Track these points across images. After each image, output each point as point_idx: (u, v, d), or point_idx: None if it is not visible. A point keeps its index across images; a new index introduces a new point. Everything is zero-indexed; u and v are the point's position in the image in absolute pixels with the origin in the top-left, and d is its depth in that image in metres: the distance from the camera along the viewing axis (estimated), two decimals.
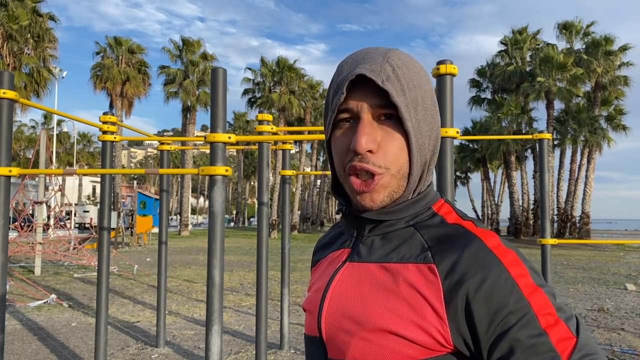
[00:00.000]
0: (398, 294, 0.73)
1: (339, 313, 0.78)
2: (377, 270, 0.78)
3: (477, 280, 0.69)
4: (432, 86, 0.83)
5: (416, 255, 0.75)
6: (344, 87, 0.76)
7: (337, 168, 0.81)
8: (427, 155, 0.80)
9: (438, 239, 0.76)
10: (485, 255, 0.70)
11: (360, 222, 0.83)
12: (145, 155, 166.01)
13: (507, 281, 0.68)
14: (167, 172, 3.94)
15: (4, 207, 3.09)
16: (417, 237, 0.78)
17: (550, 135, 5.39)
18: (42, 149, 13.04)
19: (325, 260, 0.91)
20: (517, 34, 33.54)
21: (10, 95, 3.07)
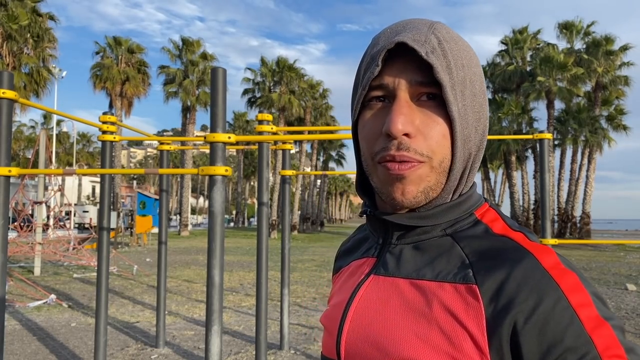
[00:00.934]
0: (430, 319, 0.61)
1: (361, 337, 0.67)
2: (406, 288, 0.66)
3: (528, 308, 0.56)
4: (482, 70, 0.69)
5: (455, 272, 0.63)
6: (379, 58, 0.63)
7: (364, 157, 0.69)
8: (472, 149, 0.67)
9: (481, 254, 0.63)
10: (540, 277, 0.58)
11: (388, 227, 0.71)
12: (145, 155, 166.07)
13: (566, 311, 0.56)
14: (166, 172, 3.93)
15: (4, 207, 3.08)
16: (456, 250, 0.65)
17: (550, 135, 5.38)
18: (42, 149, 13.03)
19: (347, 269, 0.80)
20: (517, 34, 33.54)
21: (10, 95, 3.06)
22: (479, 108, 0.67)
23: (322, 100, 41.81)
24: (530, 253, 0.61)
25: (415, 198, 0.65)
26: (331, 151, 50.30)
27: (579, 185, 31.09)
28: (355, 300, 0.71)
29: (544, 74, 30.09)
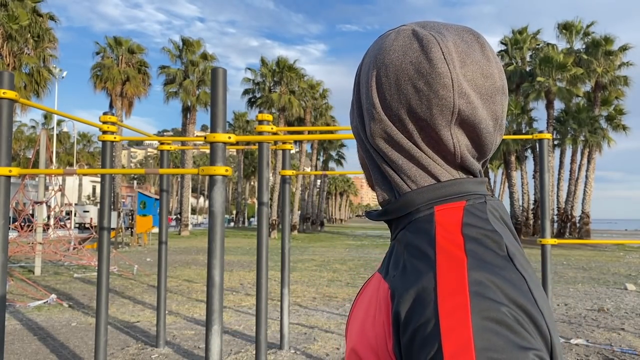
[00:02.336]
0: (370, 314, 0.64)
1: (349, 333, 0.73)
2: (377, 284, 0.68)
3: (405, 323, 0.56)
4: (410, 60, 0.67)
5: (394, 268, 0.65)
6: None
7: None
8: (366, 143, 0.73)
9: (413, 253, 0.63)
10: (427, 294, 0.56)
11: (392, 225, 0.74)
12: (145, 155, 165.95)
13: (432, 333, 0.52)
14: (167, 172, 3.94)
15: (4, 207, 3.09)
16: (401, 249, 0.66)
17: (550, 135, 5.39)
18: (42, 149, 13.04)
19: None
20: (517, 34, 33.55)
21: (10, 95, 3.07)
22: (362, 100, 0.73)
23: (322, 100, 41.83)
24: (434, 268, 0.57)
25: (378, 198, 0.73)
26: (331, 151, 50.31)
27: (578, 185, 31.09)
28: (356, 299, 0.76)
29: (544, 74, 30.10)
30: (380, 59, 0.70)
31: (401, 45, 0.68)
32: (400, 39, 0.69)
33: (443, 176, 0.68)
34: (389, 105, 0.69)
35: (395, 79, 0.68)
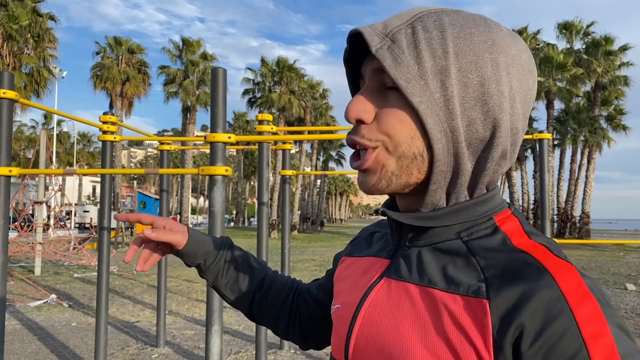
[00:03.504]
0: (439, 331, 0.59)
1: (369, 343, 0.66)
2: (417, 295, 0.63)
3: (535, 331, 0.53)
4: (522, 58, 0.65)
5: (468, 285, 0.59)
6: (347, 40, 0.68)
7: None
8: (472, 143, 0.62)
9: (498, 269, 0.59)
10: (554, 300, 0.53)
11: (402, 228, 0.69)
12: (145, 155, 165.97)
13: (575, 341, 0.51)
14: (167, 172, 3.94)
15: (4, 207, 3.09)
16: (470, 261, 0.62)
17: (550, 135, 5.39)
18: (42, 149, 13.04)
19: (360, 263, 0.78)
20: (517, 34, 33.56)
21: (10, 95, 3.07)
22: (475, 100, 0.61)
23: (322, 100, 41.84)
24: (548, 273, 0.56)
25: (375, 185, 0.65)
26: (331, 151, 50.31)
27: (578, 185, 31.10)
28: (366, 303, 0.69)
29: (544, 74, 30.10)
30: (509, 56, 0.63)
31: (523, 47, 0.65)
32: (510, 36, 0.65)
33: (489, 185, 0.67)
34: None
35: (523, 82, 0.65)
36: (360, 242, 0.85)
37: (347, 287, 0.77)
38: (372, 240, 0.82)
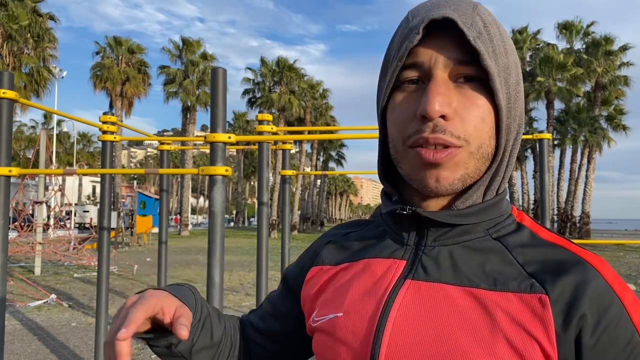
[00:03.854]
0: (495, 331, 0.57)
1: (410, 352, 0.59)
2: (459, 296, 0.60)
3: (594, 321, 0.56)
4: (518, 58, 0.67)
5: (517, 282, 0.59)
6: (421, 26, 0.58)
7: (393, 142, 0.63)
8: (510, 141, 0.64)
9: (539, 263, 0.60)
10: (604, 291, 0.57)
11: (422, 226, 0.65)
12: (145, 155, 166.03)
13: (628, 327, 0.56)
14: (167, 172, 3.94)
15: (4, 207, 3.09)
16: (507, 257, 0.61)
17: (550, 135, 5.39)
18: (42, 149, 13.04)
19: (357, 268, 0.70)
20: (517, 34, 33.54)
21: (10, 95, 3.07)
22: (519, 97, 0.64)
23: (322, 100, 41.87)
24: (592, 266, 0.59)
25: (452, 185, 0.61)
26: (331, 151, 50.34)
27: (578, 185, 31.10)
28: (393, 309, 0.62)
29: (544, 74, 30.10)
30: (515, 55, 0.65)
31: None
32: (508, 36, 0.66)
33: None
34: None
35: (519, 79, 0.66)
36: (336, 248, 0.76)
37: (346, 294, 0.68)
38: (354, 243, 0.74)
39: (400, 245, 0.67)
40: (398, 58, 0.60)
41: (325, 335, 0.68)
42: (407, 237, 0.67)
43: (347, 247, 0.75)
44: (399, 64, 0.60)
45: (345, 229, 0.80)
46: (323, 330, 0.69)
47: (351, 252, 0.74)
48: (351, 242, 0.75)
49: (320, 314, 0.71)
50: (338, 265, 0.74)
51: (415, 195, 0.66)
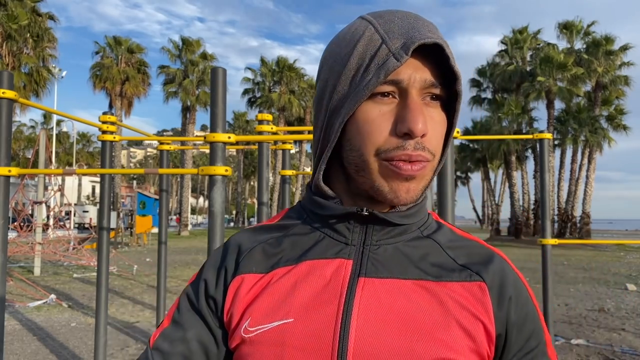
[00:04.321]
0: (448, 317, 0.64)
1: (378, 347, 0.62)
2: (412, 289, 0.65)
3: (515, 302, 0.68)
4: None
5: (456, 272, 0.67)
6: (410, 49, 0.60)
7: (361, 152, 0.65)
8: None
9: (467, 256, 0.70)
10: (516, 275, 0.71)
11: (367, 227, 0.69)
12: (145, 155, 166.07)
13: (531, 303, 0.71)
14: (166, 172, 3.93)
15: (4, 207, 3.07)
16: (440, 251, 0.69)
17: (550, 135, 5.38)
18: (42, 149, 13.03)
19: (297, 271, 0.69)
20: (517, 34, 33.53)
21: (10, 95, 3.06)
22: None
23: None
24: (501, 257, 0.72)
25: (417, 195, 0.66)
26: None
27: (579, 185, 31.08)
28: (355, 307, 0.64)
29: (544, 73, 30.08)
30: None
31: None
32: None
33: None
34: None
35: None
36: (262, 255, 0.72)
37: (292, 299, 0.67)
38: (286, 247, 0.72)
39: (345, 245, 0.69)
40: (379, 75, 0.61)
41: (268, 345, 0.65)
42: (351, 237, 0.69)
43: (278, 252, 0.72)
44: (379, 80, 0.61)
45: (265, 234, 0.75)
46: (265, 340, 0.66)
47: (285, 256, 0.71)
48: (282, 247, 0.72)
49: (256, 323, 0.67)
50: (271, 271, 0.70)
51: (359, 198, 0.69)
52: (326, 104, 0.68)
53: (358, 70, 0.64)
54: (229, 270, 0.72)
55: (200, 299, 0.73)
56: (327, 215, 0.70)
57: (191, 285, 0.76)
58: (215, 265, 0.75)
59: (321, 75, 0.70)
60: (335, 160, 0.71)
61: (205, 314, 0.72)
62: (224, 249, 0.76)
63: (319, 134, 0.70)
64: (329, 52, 0.69)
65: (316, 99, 0.72)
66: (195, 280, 0.75)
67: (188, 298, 0.74)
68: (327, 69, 0.69)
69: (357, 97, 0.63)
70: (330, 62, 0.68)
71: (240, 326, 0.68)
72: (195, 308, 0.73)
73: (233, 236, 0.77)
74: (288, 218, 0.77)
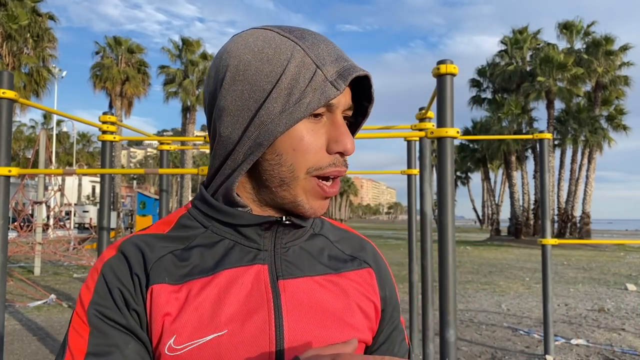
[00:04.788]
0: (351, 303, 0.75)
1: (308, 344, 0.69)
2: (322, 284, 0.74)
3: (387, 283, 0.83)
4: None
5: (349, 264, 0.78)
6: (348, 80, 0.66)
7: (292, 167, 0.68)
8: None
9: (350, 246, 0.82)
10: (383, 258, 0.85)
11: (276, 232, 0.73)
12: (145, 155, 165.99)
13: (392, 281, 0.85)
14: (166, 172, 3.93)
15: (4, 207, 3.07)
16: (332, 245, 0.79)
17: (550, 135, 5.38)
18: (42, 149, 13.03)
19: (218, 281, 0.69)
20: (517, 34, 33.51)
21: (10, 95, 3.06)
22: None
23: None
24: (369, 241, 0.85)
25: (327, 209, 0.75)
26: None
27: (579, 185, 31.06)
28: (284, 311, 0.69)
29: (544, 74, 30.07)
30: None
31: None
32: None
33: None
34: None
35: None
36: (172, 265, 0.69)
37: (220, 311, 0.67)
38: (195, 259, 0.70)
39: (258, 251, 0.72)
40: (320, 100, 0.66)
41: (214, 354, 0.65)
42: (263, 243, 0.72)
43: (187, 264, 0.70)
44: (320, 104, 0.66)
45: (164, 242, 0.72)
46: (197, 356, 0.65)
47: (197, 267, 0.70)
48: (190, 257, 0.71)
49: (184, 340, 0.65)
50: (185, 282, 0.69)
51: (268, 207, 0.73)
52: (249, 117, 0.67)
53: (292, 90, 0.66)
54: (141, 280, 0.68)
55: (123, 311, 0.67)
56: (240, 224, 0.71)
57: (96, 302, 0.67)
58: (122, 273, 0.68)
59: (234, 85, 0.68)
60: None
61: (134, 327, 0.67)
62: (124, 255, 0.70)
63: (233, 145, 0.69)
64: (243, 62, 0.68)
65: (227, 107, 0.69)
66: (100, 294, 0.68)
67: (102, 316, 0.66)
68: (243, 80, 0.68)
69: (295, 116, 0.66)
70: (248, 75, 0.67)
71: (163, 344, 0.65)
72: (118, 324, 0.67)
73: (127, 241, 0.72)
74: (185, 228, 0.74)
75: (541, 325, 6.53)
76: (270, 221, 0.71)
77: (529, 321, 7.45)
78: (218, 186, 0.73)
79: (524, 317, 7.73)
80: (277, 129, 0.66)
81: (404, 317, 4.39)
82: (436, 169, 2.88)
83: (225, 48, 0.72)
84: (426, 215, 3.77)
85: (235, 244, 0.72)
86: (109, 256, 0.71)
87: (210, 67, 0.75)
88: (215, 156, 0.74)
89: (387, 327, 0.81)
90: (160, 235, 0.73)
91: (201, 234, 0.73)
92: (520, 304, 8.92)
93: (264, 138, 0.67)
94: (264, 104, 0.66)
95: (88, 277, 0.71)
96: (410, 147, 5.30)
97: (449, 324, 2.67)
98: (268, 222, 0.71)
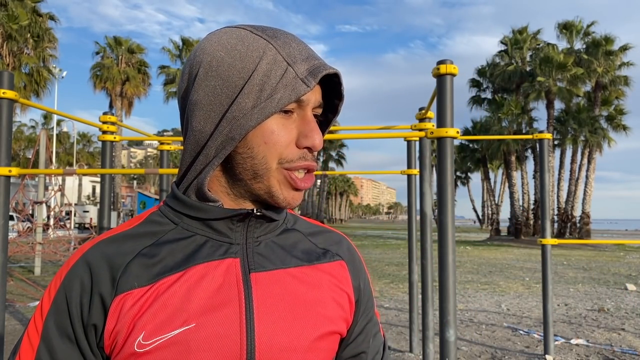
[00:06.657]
0: (324, 293, 0.76)
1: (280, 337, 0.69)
2: (294, 277, 0.74)
3: (361, 275, 0.85)
4: None
5: (321, 257, 0.80)
6: (318, 77, 0.69)
7: (265, 160, 0.70)
8: None
9: (323, 241, 0.83)
10: (357, 253, 0.87)
11: (249, 225, 0.74)
12: (145, 155, 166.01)
13: (366, 274, 0.87)
14: (167, 172, 3.93)
15: (4, 207, 3.08)
16: (305, 239, 0.81)
17: (550, 135, 5.38)
18: (42, 149, 13.04)
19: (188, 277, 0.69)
20: (517, 34, 33.51)
21: (10, 95, 3.06)
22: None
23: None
24: (344, 236, 0.87)
25: (300, 200, 0.76)
26: (331, 151, 50.35)
27: (578, 185, 31.06)
28: (255, 302, 0.69)
29: (544, 74, 30.07)
30: None
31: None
32: None
33: None
34: None
35: None
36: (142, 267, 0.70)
37: (188, 305, 0.67)
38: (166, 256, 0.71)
39: (230, 245, 0.73)
40: (291, 96, 0.68)
41: (171, 353, 0.65)
42: (234, 237, 0.73)
43: (157, 262, 0.70)
44: (291, 100, 0.68)
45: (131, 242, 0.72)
46: (166, 349, 0.65)
47: (168, 264, 0.70)
48: (160, 255, 0.71)
49: (152, 335, 0.66)
50: (156, 282, 0.69)
51: (242, 200, 0.74)
52: (221, 111, 0.69)
53: (263, 86, 0.68)
54: (105, 293, 0.68)
55: (77, 330, 0.68)
56: (211, 218, 0.72)
57: (53, 313, 0.69)
58: (84, 286, 0.69)
59: (207, 80, 0.70)
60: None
61: (85, 348, 0.68)
62: (87, 268, 0.69)
63: (205, 139, 0.71)
64: (216, 59, 0.70)
65: (200, 102, 0.70)
66: (58, 306, 0.69)
67: (56, 330, 0.68)
68: (216, 76, 0.69)
69: (267, 111, 0.68)
70: (221, 70, 0.69)
71: (131, 342, 0.66)
72: (70, 340, 0.68)
73: (91, 251, 0.71)
74: (154, 223, 0.74)
75: (541, 325, 6.53)
76: (241, 213, 0.72)
77: (528, 321, 7.45)
78: (190, 182, 0.74)
79: (524, 317, 7.73)
80: (249, 123, 0.68)
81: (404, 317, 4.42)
82: (436, 169, 2.88)
83: (199, 46, 0.73)
84: (426, 215, 3.77)
85: (208, 239, 0.73)
86: (74, 262, 0.71)
87: (184, 64, 0.77)
88: (186, 151, 0.74)
89: (362, 319, 0.82)
90: (128, 232, 0.73)
91: (171, 230, 0.73)
92: (520, 303, 8.92)
93: (236, 132, 0.68)
94: (236, 99, 0.68)
95: (53, 280, 0.72)
96: (410, 147, 5.31)
97: (449, 323, 2.68)
98: (238, 215, 0.72)
